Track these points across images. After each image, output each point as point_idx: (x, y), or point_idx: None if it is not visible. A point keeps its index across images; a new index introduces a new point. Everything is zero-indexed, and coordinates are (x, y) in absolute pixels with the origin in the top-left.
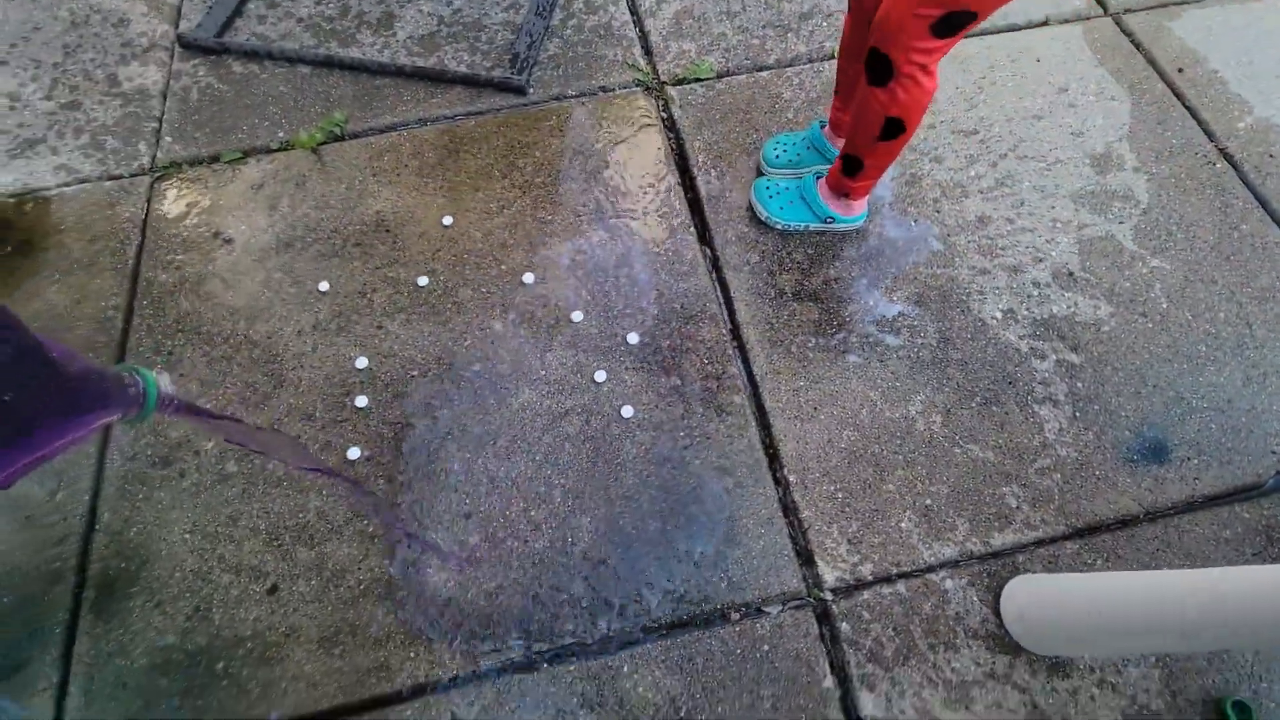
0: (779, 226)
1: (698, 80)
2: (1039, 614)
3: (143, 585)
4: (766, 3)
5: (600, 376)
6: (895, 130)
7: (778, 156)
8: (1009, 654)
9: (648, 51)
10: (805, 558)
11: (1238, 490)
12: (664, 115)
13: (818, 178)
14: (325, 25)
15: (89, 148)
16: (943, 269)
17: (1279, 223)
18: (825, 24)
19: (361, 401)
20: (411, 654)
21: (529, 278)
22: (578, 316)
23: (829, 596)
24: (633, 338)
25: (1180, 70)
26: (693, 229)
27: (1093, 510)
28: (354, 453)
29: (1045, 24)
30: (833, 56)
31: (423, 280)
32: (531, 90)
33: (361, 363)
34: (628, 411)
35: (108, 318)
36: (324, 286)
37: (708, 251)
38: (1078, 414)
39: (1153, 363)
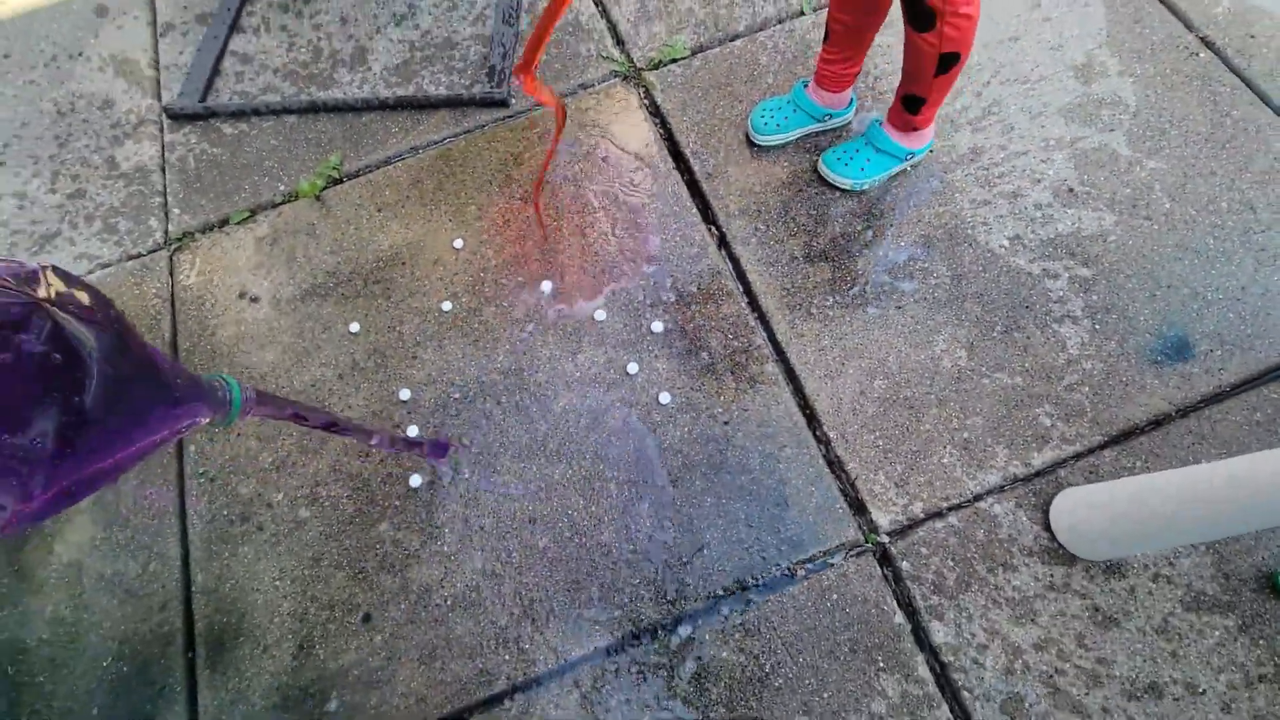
0: (867, 187)
1: (674, 61)
2: (1089, 522)
3: (247, 634)
4: None
5: (633, 368)
6: (951, 63)
7: (765, 124)
8: (1065, 565)
9: (619, 40)
10: (857, 507)
11: (1263, 373)
12: (647, 102)
13: (879, 123)
14: (301, 71)
15: (103, 232)
16: (944, 206)
17: (1269, 104)
18: None
19: (413, 431)
20: (505, 656)
21: (546, 286)
22: (600, 315)
23: (886, 539)
24: (657, 326)
25: None
26: (695, 210)
27: (1125, 416)
28: (415, 480)
29: None
30: (801, 13)
31: (446, 305)
32: (513, 100)
33: (405, 394)
34: (665, 398)
35: None
36: (354, 327)
37: (714, 230)
38: (1097, 326)
39: (1163, 263)
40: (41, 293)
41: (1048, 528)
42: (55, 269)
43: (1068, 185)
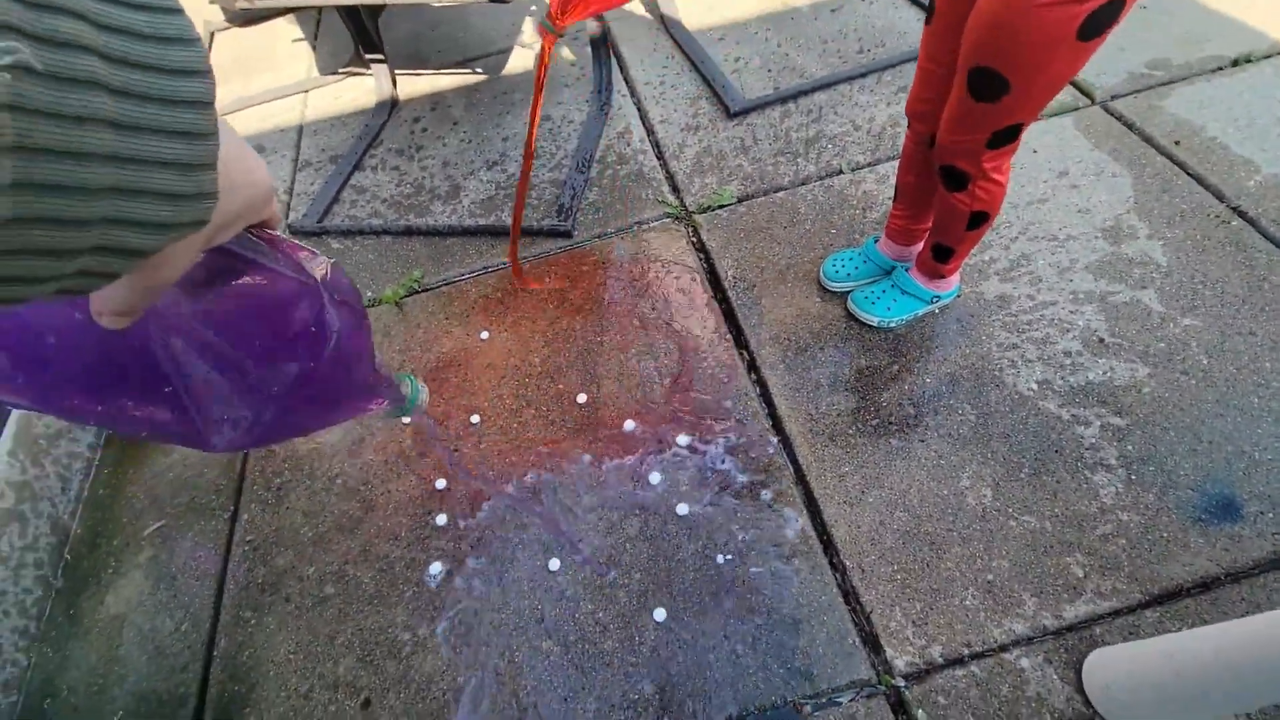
0: (892, 325)
1: (721, 207)
2: (1127, 686)
3: (254, 706)
4: (775, 134)
5: (655, 479)
6: (980, 221)
7: (836, 271)
8: None
9: (675, 188)
10: (871, 643)
11: None
12: (694, 240)
13: (907, 269)
14: (404, 202)
15: None
16: (972, 348)
17: None
18: (830, 146)
19: (441, 520)
20: None
21: (582, 398)
22: (629, 426)
23: (901, 683)
24: (683, 439)
25: (1177, 143)
26: (729, 336)
27: (1168, 574)
28: (435, 568)
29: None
30: (840, 172)
31: (489, 403)
32: (576, 232)
33: (441, 484)
34: (682, 509)
35: (229, 462)
36: (406, 419)
37: (745, 355)
38: (1133, 476)
39: (1204, 419)
40: (318, 274)
41: (1081, 690)
42: (335, 264)
43: (1098, 336)
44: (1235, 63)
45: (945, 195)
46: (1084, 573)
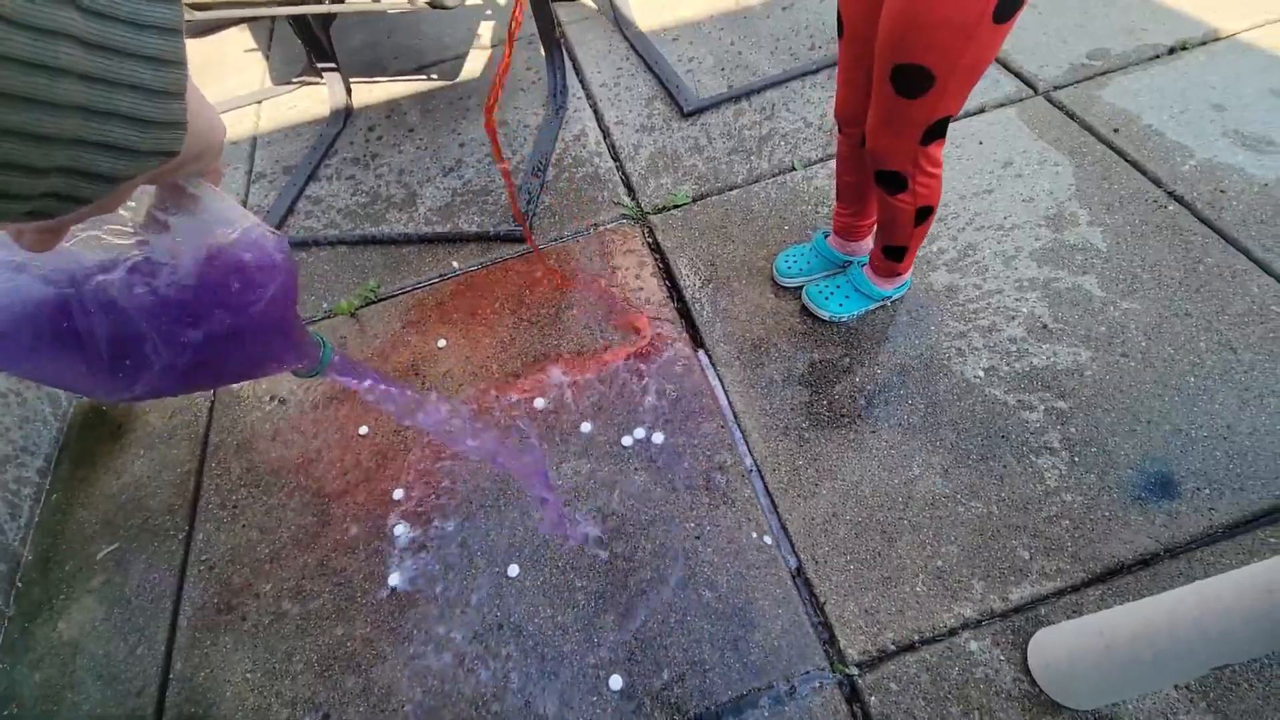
0: (843, 320)
1: (676, 207)
2: (1066, 663)
3: None
4: (729, 133)
5: (612, 479)
6: (925, 215)
7: (789, 267)
8: (1048, 714)
9: (630, 190)
10: (826, 634)
11: (1258, 515)
12: (649, 240)
13: (861, 265)
14: (360, 211)
15: None
16: (921, 339)
17: (1244, 251)
18: (783, 143)
19: (399, 529)
20: None
21: (540, 402)
22: (587, 427)
23: (854, 671)
24: (640, 435)
25: (1116, 130)
26: (684, 334)
27: (1109, 553)
28: (395, 579)
29: (982, 111)
30: (792, 169)
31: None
32: (533, 237)
33: (398, 494)
34: (640, 511)
35: (182, 481)
36: (364, 430)
37: (700, 353)
38: (1076, 459)
39: (1143, 399)
40: (255, 230)
41: (1027, 670)
42: (276, 233)
43: (1042, 322)
44: (1171, 50)
45: (887, 199)
46: (1030, 555)
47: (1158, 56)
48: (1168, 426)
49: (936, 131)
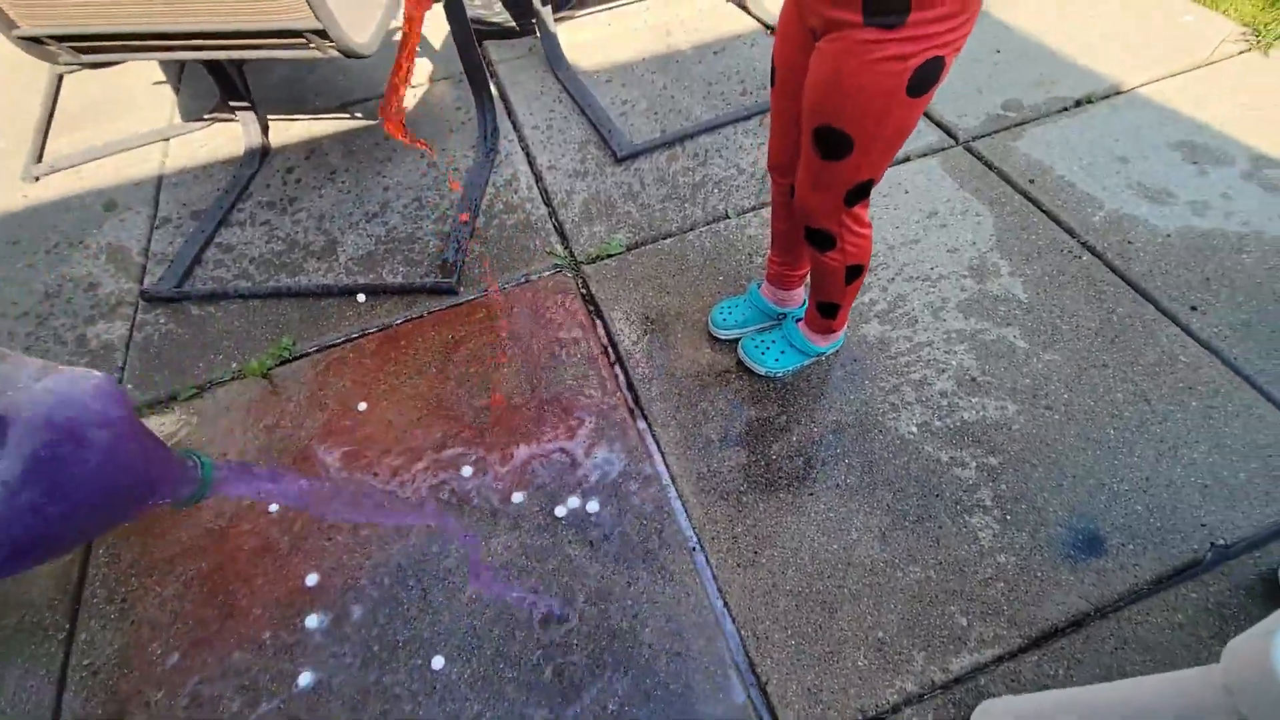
0: (779, 375)
1: (610, 256)
2: None
3: None
4: (662, 179)
5: (545, 555)
6: (856, 273)
7: (725, 319)
8: None
9: (564, 238)
10: (770, 715)
11: (1177, 570)
12: (583, 291)
13: (796, 321)
14: (276, 260)
15: None
16: (856, 394)
17: (1152, 301)
18: (716, 190)
19: (312, 621)
20: None
21: (468, 470)
22: (518, 497)
23: None
24: (574, 504)
25: (1032, 181)
26: (619, 393)
27: (1043, 615)
28: (306, 678)
29: (907, 160)
30: (726, 216)
31: (369, 481)
32: (462, 289)
33: (312, 579)
34: (574, 589)
35: (64, 571)
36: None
37: (637, 412)
38: (1008, 516)
39: (1067, 453)
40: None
41: None
42: (107, 377)
43: (970, 375)
44: (1078, 103)
45: (817, 256)
46: (967, 621)
47: (1066, 109)
48: (1092, 481)
49: (860, 193)
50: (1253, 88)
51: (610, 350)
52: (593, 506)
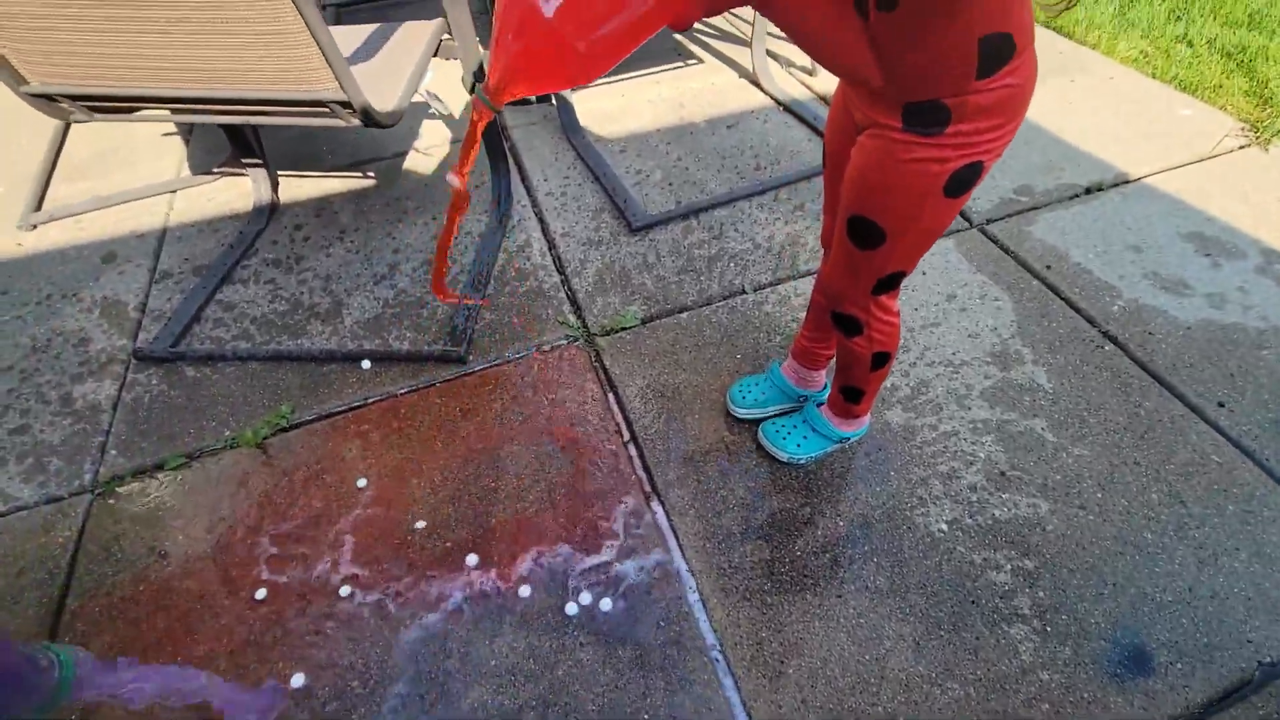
0: (801, 461)
1: (624, 329)
2: None
3: None
4: (678, 251)
5: (555, 659)
6: (883, 361)
7: (744, 398)
8: None
9: (577, 308)
10: None
11: (1229, 691)
12: (597, 365)
13: (818, 405)
14: (278, 321)
15: (32, 470)
16: (882, 485)
17: (1180, 397)
18: (732, 264)
19: None
20: None
21: (472, 559)
22: (525, 591)
23: None
24: (586, 601)
25: (1049, 267)
26: (636, 476)
27: None
28: None
29: None
30: (743, 291)
31: (364, 572)
32: (471, 358)
33: (298, 680)
34: (586, 696)
35: None
36: (261, 594)
37: (653, 496)
38: (1048, 628)
39: (1105, 558)
40: None
41: None
42: None
43: (999, 469)
44: (1088, 190)
45: (844, 341)
46: None
47: (1076, 196)
48: (1133, 590)
49: (889, 284)
50: (1257, 182)
51: (625, 428)
52: (605, 604)
